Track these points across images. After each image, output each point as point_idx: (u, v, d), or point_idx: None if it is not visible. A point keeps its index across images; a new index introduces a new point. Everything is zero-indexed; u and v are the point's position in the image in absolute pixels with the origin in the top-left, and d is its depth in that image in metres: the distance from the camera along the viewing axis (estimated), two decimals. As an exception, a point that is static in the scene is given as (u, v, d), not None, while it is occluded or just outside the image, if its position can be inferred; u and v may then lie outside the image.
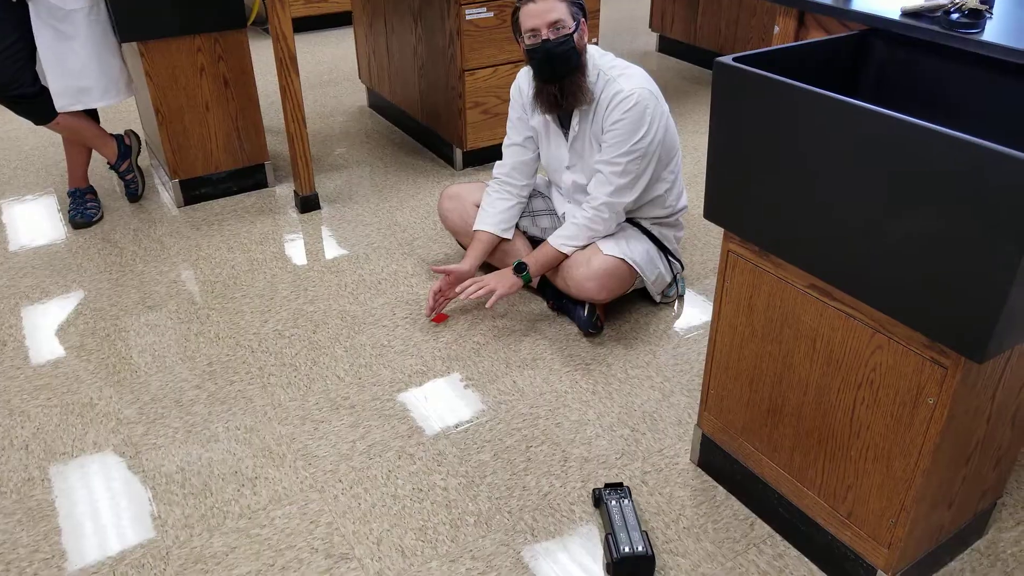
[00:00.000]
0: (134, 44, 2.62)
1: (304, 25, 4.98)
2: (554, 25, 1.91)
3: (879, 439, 1.27)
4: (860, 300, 1.20)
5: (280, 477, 1.69)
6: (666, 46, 4.56)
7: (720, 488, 1.65)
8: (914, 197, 1.06)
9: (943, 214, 1.03)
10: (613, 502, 1.55)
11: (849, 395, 1.29)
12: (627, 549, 1.44)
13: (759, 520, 1.58)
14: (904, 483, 1.25)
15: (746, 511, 1.60)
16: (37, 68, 2.46)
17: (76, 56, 2.47)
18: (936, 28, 1.45)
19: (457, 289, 2.14)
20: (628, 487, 1.59)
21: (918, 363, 1.17)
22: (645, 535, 1.47)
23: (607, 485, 1.60)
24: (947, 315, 1.07)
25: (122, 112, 3.71)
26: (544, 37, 1.92)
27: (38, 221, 2.79)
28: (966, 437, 1.25)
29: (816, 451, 1.39)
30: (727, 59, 1.29)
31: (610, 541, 1.47)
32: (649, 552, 1.44)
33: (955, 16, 1.45)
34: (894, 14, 1.53)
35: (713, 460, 1.66)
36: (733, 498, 1.63)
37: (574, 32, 1.92)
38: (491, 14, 2.83)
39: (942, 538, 1.41)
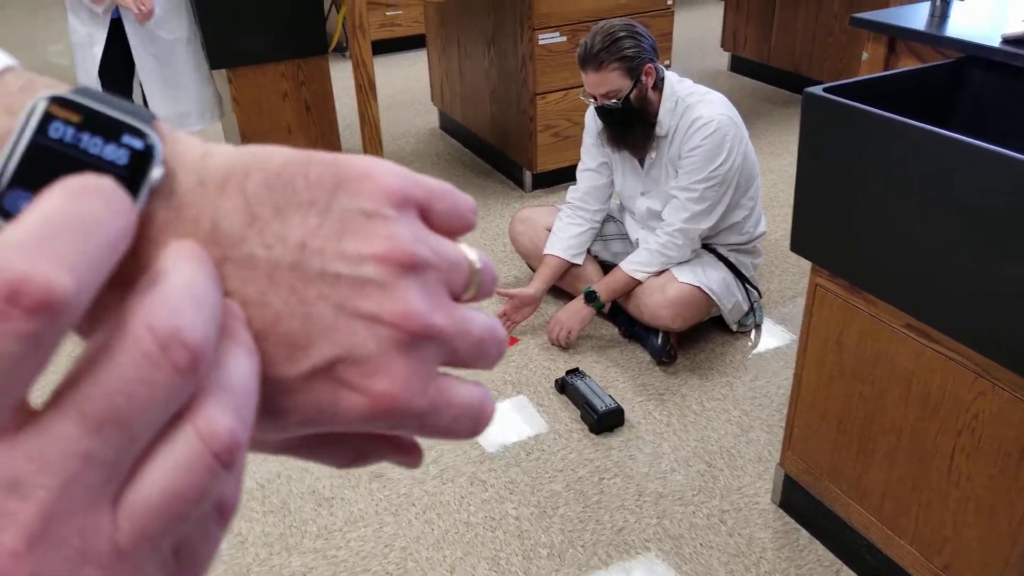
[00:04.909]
0: (223, 71, 2.73)
1: (378, 48, 5.09)
2: (605, 96, 1.96)
3: (981, 490, 1.20)
4: (961, 343, 1.15)
5: (356, 498, 1.72)
6: (738, 66, 4.49)
7: (803, 531, 1.60)
8: (1020, 235, 1.01)
9: (1058, 257, 0.98)
10: (578, 382, 1.92)
11: (948, 442, 1.23)
12: (603, 408, 1.84)
13: (845, 567, 1.52)
14: (1009, 538, 1.18)
15: (831, 556, 1.54)
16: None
17: (178, 82, 2.60)
18: (1042, 56, 1.38)
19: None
20: (583, 371, 1.98)
21: (1026, 412, 1.11)
22: (611, 396, 1.87)
23: (567, 372, 1.97)
24: (1061, 364, 1.01)
25: (209, 136, 3.87)
26: (599, 104, 1.99)
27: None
28: (1077, 491, 1.17)
29: (909, 498, 1.33)
30: (817, 90, 1.26)
31: (587, 408, 1.86)
32: (619, 407, 1.86)
33: (1063, 43, 1.38)
34: (994, 41, 1.47)
35: (796, 501, 1.61)
36: (817, 542, 1.57)
37: (631, 91, 1.95)
38: (564, 38, 2.84)
39: (1047, 596, 1.32)
